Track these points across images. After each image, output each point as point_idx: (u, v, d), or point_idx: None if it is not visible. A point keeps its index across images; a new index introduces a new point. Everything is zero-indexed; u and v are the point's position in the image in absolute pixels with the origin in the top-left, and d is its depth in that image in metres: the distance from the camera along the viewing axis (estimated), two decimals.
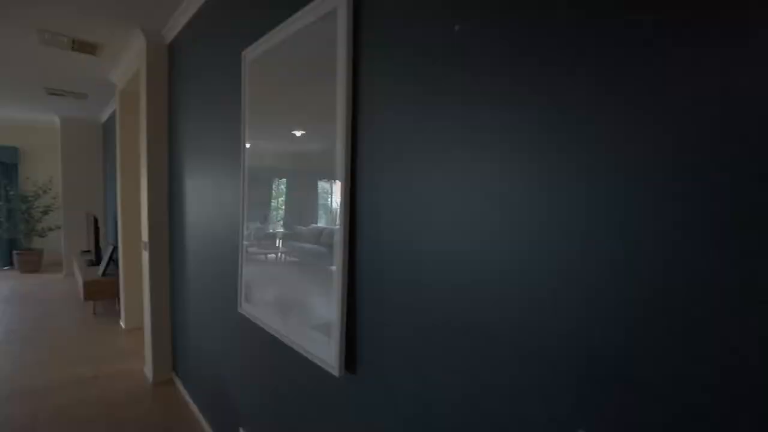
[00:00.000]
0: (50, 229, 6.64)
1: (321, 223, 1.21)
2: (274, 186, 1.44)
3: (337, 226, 1.06)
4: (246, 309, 1.56)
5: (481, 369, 0.76)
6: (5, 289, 5.31)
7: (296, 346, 1.22)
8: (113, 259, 4.38)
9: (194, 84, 2.29)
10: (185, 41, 2.42)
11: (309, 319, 1.19)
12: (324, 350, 1.10)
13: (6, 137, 6.59)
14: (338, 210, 1.04)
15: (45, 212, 6.62)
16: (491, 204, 0.74)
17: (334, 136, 1.05)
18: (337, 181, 1.06)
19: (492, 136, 0.74)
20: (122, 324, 3.90)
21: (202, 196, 2.20)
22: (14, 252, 6.42)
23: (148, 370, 2.86)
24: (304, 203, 1.28)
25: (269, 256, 1.47)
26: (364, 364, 1.04)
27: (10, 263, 6.58)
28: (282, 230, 1.38)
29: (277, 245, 1.41)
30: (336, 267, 1.03)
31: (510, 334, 0.71)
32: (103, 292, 4.21)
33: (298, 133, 1.32)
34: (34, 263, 6.40)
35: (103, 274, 4.32)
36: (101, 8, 2.38)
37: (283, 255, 1.38)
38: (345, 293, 1.04)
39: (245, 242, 1.57)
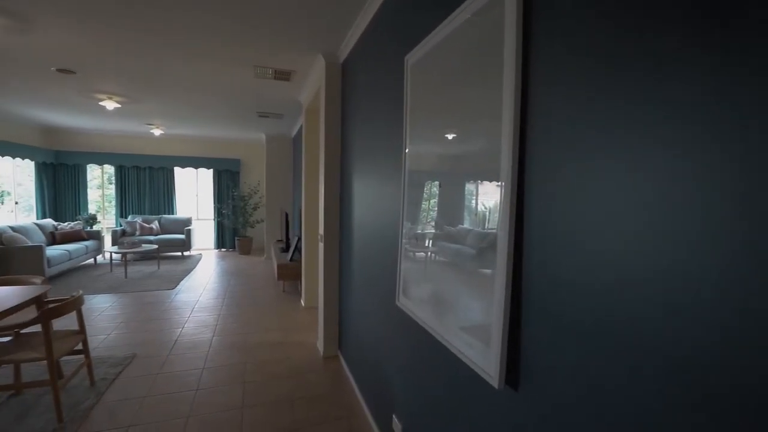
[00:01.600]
0: (257, 222, 8.51)
1: (466, 225, 1.20)
2: (426, 187, 1.49)
3: (494, 229, 1.01)
4: (403, 303, 1.66)
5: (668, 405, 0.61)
6: (231, 265, 7.07)
7: (452, 347, 1.21)
8: (298, 248, 5.30)
9: (362, 95, 2.56)
10: (354, 58, 2.73)
11: (464, 322, 1.17)
12: (481, 357, 1.05)
13: (232, 151, 8.77)
14: (499, 212, 0.97)
15: (255, 208, 8.54)
16: (685, 211, 0.58)
17: (492, 136, 1.01)
18: (488, 182, 1.01)
19: (696, 136, 0.58)
20: (302, 302, 4.68)
21: (367, 197, 2.44)
22: (236, 238, 8.48)
23: (320, 345, 3.34)
24: (453, 205, 1.28)
25: (422, 254, 1.52)
26: (530, 382, 0.93)
27: (233, 246, 8.72)
28: (433, 230, 1.41)
29: (428, 244, 1.45)
30: (498, 271, 0.97)
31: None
32: (290, 274, 5.14)
33: (450, 136, 1.32)
34: (247, 247, 8.32)
35: (291, 259, 5.27)
36: (295, 42, 2.90)
37: (434, 254, 1.40)
38: (509, 300, 0.96)
39: (403, 240, 1.66)
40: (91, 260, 7.05)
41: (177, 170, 8.50)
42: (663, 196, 0.63)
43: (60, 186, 7.72)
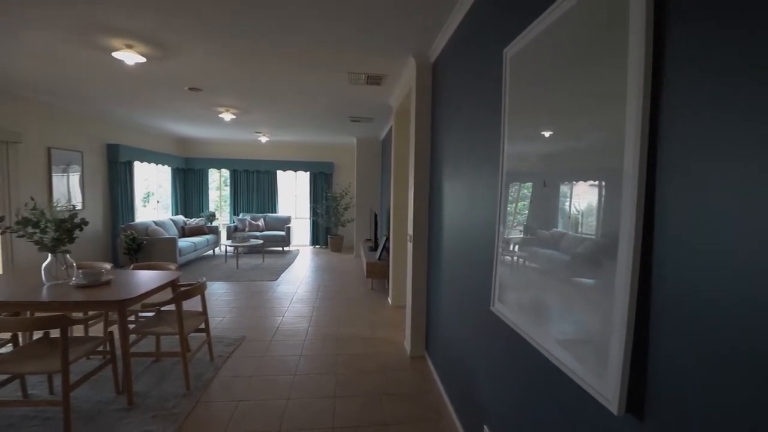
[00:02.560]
0: (348, 221, 8.95)
1: (568, 229, 1.12)
2: (524, 188, 1.39)
3: (607, 234, 0.90)
4: (499, 309, 1.57)
5: None
6: (324, 262, 7.55)
7: (557, 362, 1.11)
8: (386, 248, 5.42)
9: (453, 94, 2.52)
10: (446, 57, 2.69)
11: (572, 334, 1.06)
12: (595, 376, 0.93)
13: (326, 155, 9.36)
14: (623, 213, 0.85)
15: (345, 208, 9.00)
16: None
17: (609, 130, 0.90)
18: (600, 181, 0.90)
19: None
20: (389, 301, 4.78)
21: (458, 198, 2.39)
22: (328, 236, 9.03)
23: (407, 344, 3.37)
24: (553, 207, 1.18)
25: (521, 259, 1.43)
26: (662, 413, 0.79)
27: (326, 244, 9.30)
28: (534, 234, 1.32)
29: (527, 249, 1.36)
30: (620, 281, 0.85)
31: None
32: (378, 272, 5.29)
33: (553, 133, 1.22)
34: (338, 245, 8.80)
35: (379, 258, 5.42)
36: (387, 46, 2.97)
37: (535, 260, 1.31)
38: (633, 314, 0.83)
39: (500, 244, 1.58)
40: (211, 252, 8.14)
41: (279, 173, 9.37)
42: None
43: (188, 187, 9.08)
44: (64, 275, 2.72)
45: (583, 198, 1.04)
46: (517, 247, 1.44)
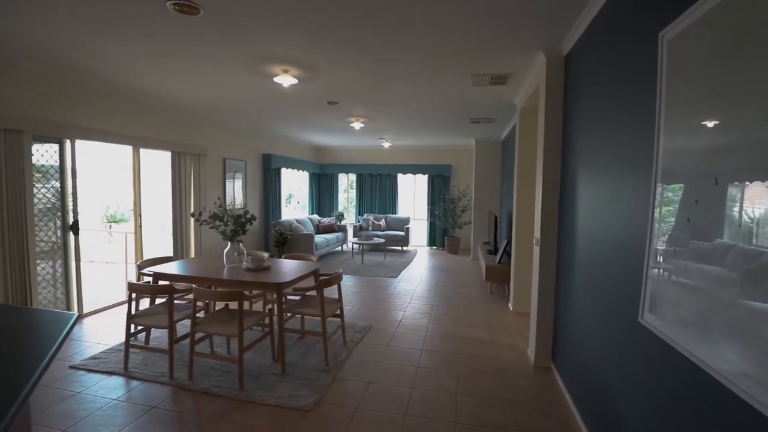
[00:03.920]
0: (465, 223, 8.87)
1: (734, 234, 0.99)
2: (687, 189, 1.24)
3: None
4: (649, 321, 1.43)
5: None
6: (441, 262, 7.65)
7: (732, 386, 0.97)
8: (506, 251, 5.24)
9: (590, 88, 2.33)
10: (580, 49, 2.51)
11: (759, 356, 0.91)
12: None
13: (444, 158, 9.46)
14: None
15: (463, 210, 8.95)
16: None
17: None
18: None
19: None
20: (510, 306, 4.61)
21: (595, 199, 2.21)
22: (445, 237, 9.10)
23: (531, 353, 3.22)
24: (720, 210, 1.03)
25: (681, 267, 1.28)
26: None
27: (443, 245, 9.39)
28: (685, 242, 1.17)
29: (688, 256, 1.21)
30: None
31: None
32: (498, 276, 5.15)
33: (710, 124, 1.06)
34: (455, 246, 8.81)
35: (499, 262, 5.27)
36: (516, 44, 2.91)
37: (698, 268, 1.16)
38: None
39: (652, 250, 1.44)
40: (339, 248, 9.01)
41: (399, 176, 9.84)
42: None
43: (322, 190, 10.23)
44: (237, 260, 3.40)
45: (727, 204, 0.90)
46: (675, 253, 1.29)
